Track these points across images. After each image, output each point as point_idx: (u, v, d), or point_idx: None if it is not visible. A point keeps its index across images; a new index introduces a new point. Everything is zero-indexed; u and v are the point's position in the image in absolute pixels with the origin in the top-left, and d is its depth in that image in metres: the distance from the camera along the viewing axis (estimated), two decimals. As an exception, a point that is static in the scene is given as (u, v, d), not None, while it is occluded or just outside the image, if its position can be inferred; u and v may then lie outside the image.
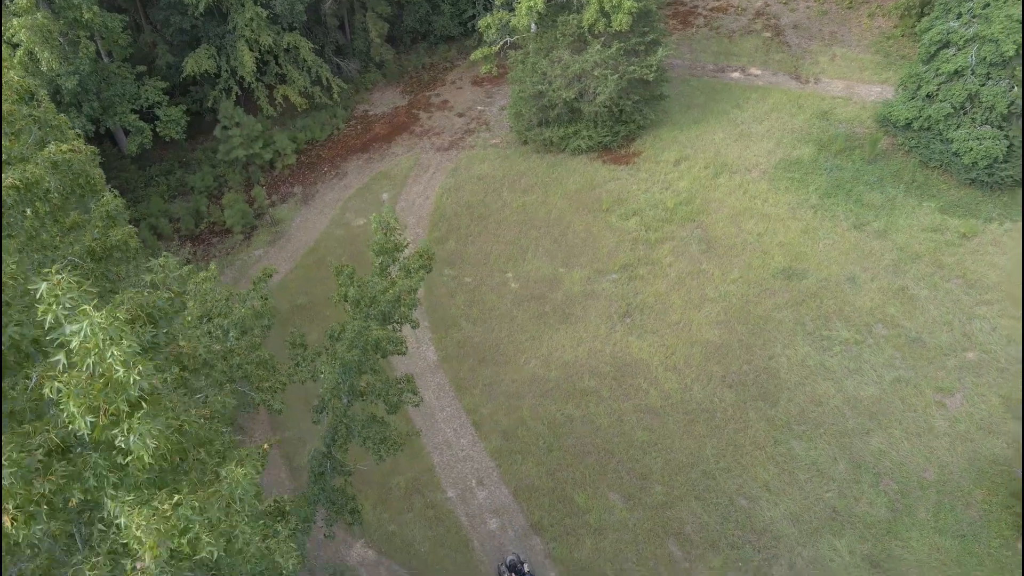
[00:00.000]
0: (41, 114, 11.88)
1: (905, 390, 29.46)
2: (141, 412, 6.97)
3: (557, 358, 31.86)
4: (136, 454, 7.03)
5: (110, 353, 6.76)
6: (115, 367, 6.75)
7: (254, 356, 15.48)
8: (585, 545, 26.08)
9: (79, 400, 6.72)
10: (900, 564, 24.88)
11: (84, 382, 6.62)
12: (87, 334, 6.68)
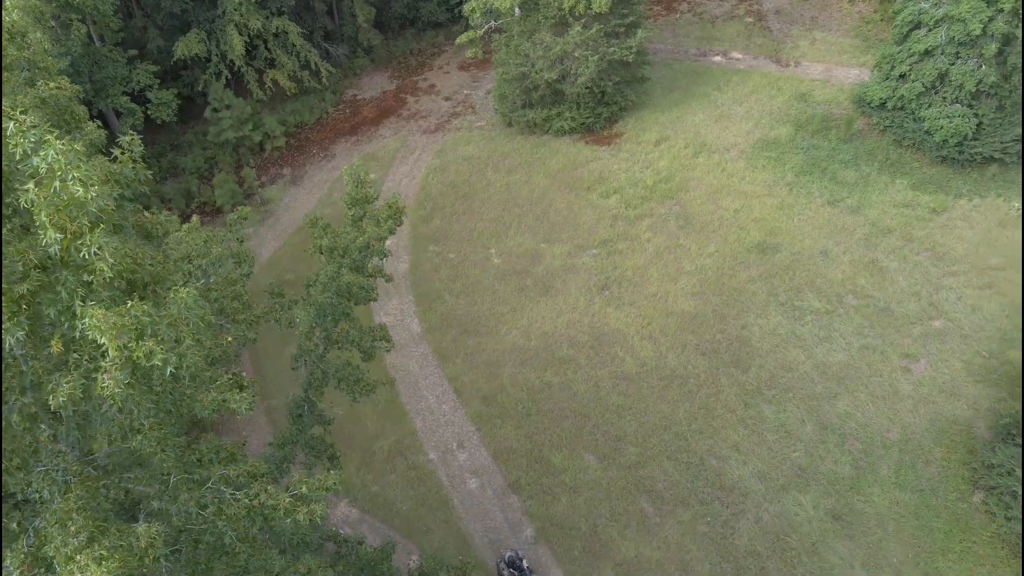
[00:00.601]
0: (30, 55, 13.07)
1: (872, 356, 30.73)
2: (99, 228, 8.34)
3: (537, 329, 33.11)
4: (98, 269, 8.35)
5: (71, 176, 8.09)
6: (75, 188, 8.09)
7: (230, 291, 16.68)
8: (561, 502, 27.34)
9: (48, 212, 8.06)
10: (861, 517, 26.16)
11: (52, 197, 7.96)
12: (52, 158, 8.04)
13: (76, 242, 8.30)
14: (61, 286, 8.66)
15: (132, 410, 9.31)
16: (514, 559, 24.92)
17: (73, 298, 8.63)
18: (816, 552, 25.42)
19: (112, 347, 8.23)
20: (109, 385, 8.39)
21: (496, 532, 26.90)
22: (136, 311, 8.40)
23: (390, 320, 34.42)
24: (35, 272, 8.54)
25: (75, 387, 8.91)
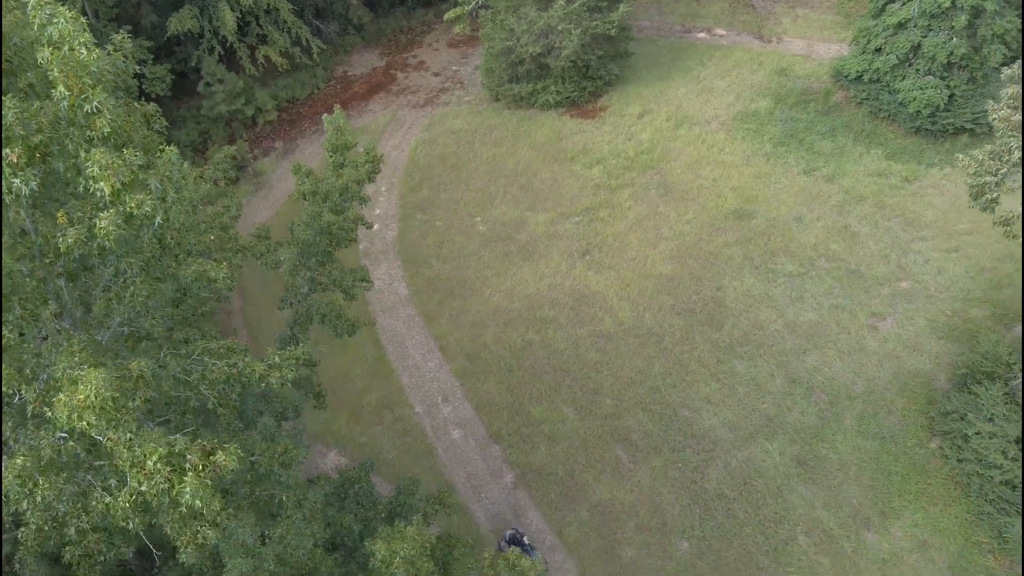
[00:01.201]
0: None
1: (841, 315, 32.30)
2: (99, 87, 9.99)
3: (520, 291, 34.64)
4: (98, 125, 10.00)
5: (77, 42, 9.76)
6: (81, 50, 9.74)
7: (217, 222, 18.14)
8: (540, 451, 28.95)
9: (60, 69, 9.70)
10: (824, 463, 27.79)
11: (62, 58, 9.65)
12: (63, 26, 9.72)
13: (80, 98, 9.87)
14: (68, 140, 10.24)
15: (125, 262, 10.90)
16: (516, 536, 25.57)
17: (78, 150, 10.20)
18: (780, 495, 27.04)
19: (108, 187, 9.78)
20: (105, 225, 9.98)
21: (478, 478, 28.52)
22: (129, 156, 9.99)
23: (379, 284, 35.91)
24: (48, 128, 10.18)
25: (80, 233, 10.49)
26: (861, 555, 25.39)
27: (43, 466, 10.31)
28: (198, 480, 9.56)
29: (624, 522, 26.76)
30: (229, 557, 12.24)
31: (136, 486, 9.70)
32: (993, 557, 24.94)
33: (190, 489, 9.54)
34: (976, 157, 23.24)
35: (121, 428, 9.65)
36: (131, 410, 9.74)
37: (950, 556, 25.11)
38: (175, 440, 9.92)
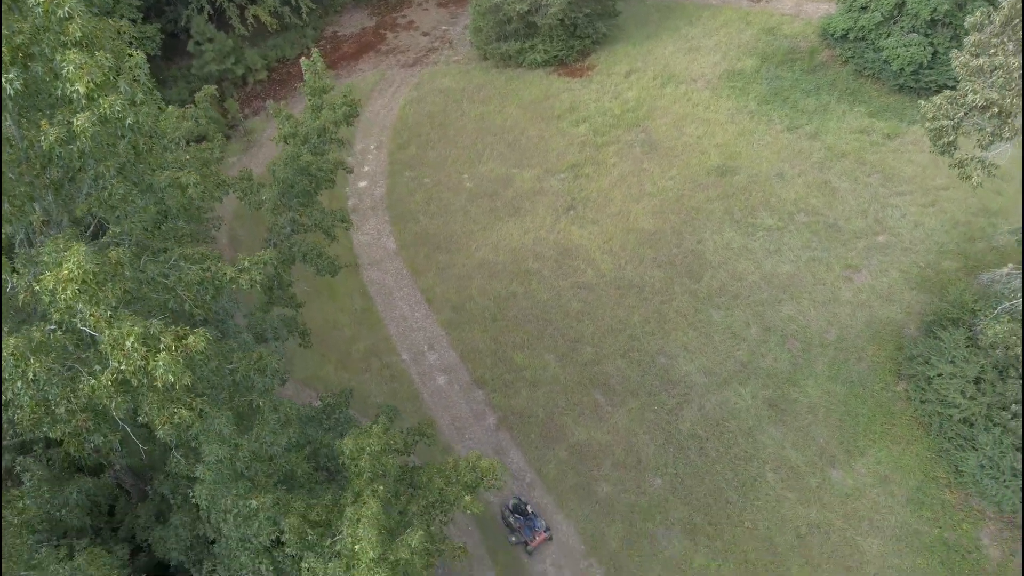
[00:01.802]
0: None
1: (817, 267, 33.46)
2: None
3: (505, 245, 35.77)
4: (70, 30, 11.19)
5: None
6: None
7: (198, 157, 19.20)
8: (521, 395, 30.33)
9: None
10: (794, 406, 29.16)
11: None
12: None
13: (53, 4, 10.96)
14: (45, 44, 11.35)
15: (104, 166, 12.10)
16: (519, 505, 26.10)
17: (54, 53, 11.31)
18: (751, 435, 28.46)
19: (83, 87, 10.90)
20: (82, 123, 11.13)
21: (461, 421, 29.93)
22: (101, 57, 11.09)
23: (367, 239, 37.06)
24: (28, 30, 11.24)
25: (60, 132, 11.66)
26: (825, 490, 26.86)
27: (34, 347, 11.52)
28: (170, 357, 10.76)
29: (601, 460, 28.21)
30: (206, 444, 13.51)
31: (117, 365, 10.90)
32: (949, 491, 26.41)
33: (163, 364, 10.75)
34: (935, 102, 24.19)
35: (101, 305, 10.84)
36: (109, 289, 10.91)
37: (909, 490, 26.58)
38: (151, 323, 11.10)
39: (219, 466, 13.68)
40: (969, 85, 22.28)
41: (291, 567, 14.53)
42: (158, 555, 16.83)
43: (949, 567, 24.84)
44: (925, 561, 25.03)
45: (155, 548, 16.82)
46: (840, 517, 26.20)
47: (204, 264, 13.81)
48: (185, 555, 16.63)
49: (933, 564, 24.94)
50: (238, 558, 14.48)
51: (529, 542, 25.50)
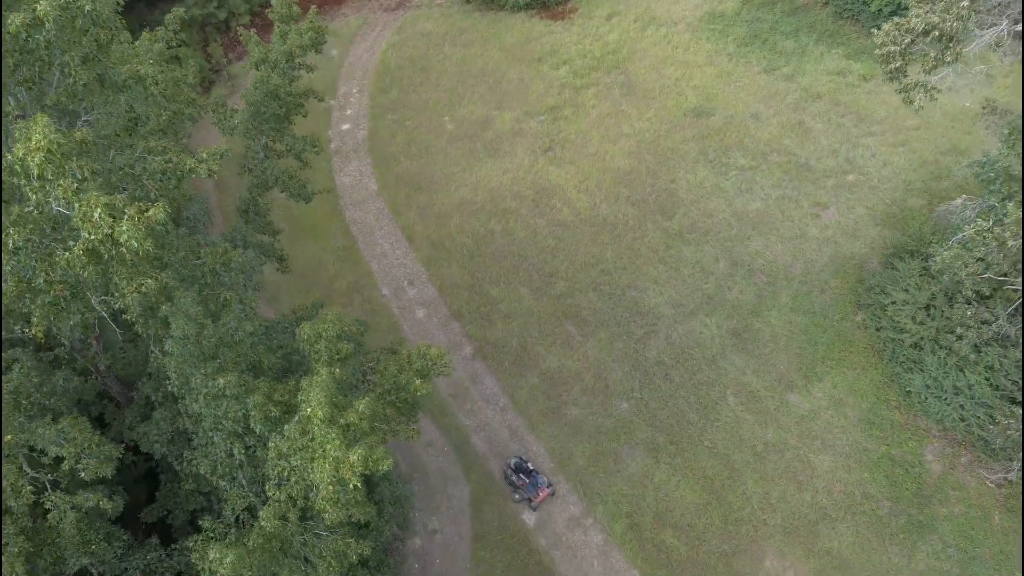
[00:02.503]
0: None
1: (787, 205, 34.69)
2: None
3: (484, 185, 36.93)
4: None
5: None
6: None
7: (170, 76, 20.28)
8: (496, 327, 31.89)
9: None
10: (758, 334, 30.73)
11: None
12: None
13: None
14: None
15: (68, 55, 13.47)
16: (520, 464, 26.91)
17: None
18: (715, 363, 30.10)
19: None
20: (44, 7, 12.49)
21: (439, 351, 31.50)
22: None
23: (349, 180, 38.21)
24: None
25: (26, 17, 13.02)
26: (782, 412, 28.60)
27: (13, 220, 12.91)
28: (133, 225, 12.12)
29: (570, 386, 29.91)
30: (174, 320, 14.95)
31: (87, 236, 12.26)
32: (898, 412, 28.15)
33: (127, 230, 12.10)
34: (884, 29, 25.12)
35: (67, 176, 12.19)
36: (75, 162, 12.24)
37: (862, 411, 28.32)
38: (117, 197, 12.45)
39: (185, 342, 15.15)
40: (915, 10, 23.23)
41: (261, 452, 16.14)
42: (143, 450, 18.50)
43: (893, 480, 26.70)
44: (871, 475, 26.88)
45: (140, 443, 18.49)
46: (795, 437, 27.99)
47: (167, 156, 15.08)
48: (167, 448, 18.30)
49: (878, 478, 26.80)
50: (212, 441, 16.09)
51: (533, 498, 26.34)
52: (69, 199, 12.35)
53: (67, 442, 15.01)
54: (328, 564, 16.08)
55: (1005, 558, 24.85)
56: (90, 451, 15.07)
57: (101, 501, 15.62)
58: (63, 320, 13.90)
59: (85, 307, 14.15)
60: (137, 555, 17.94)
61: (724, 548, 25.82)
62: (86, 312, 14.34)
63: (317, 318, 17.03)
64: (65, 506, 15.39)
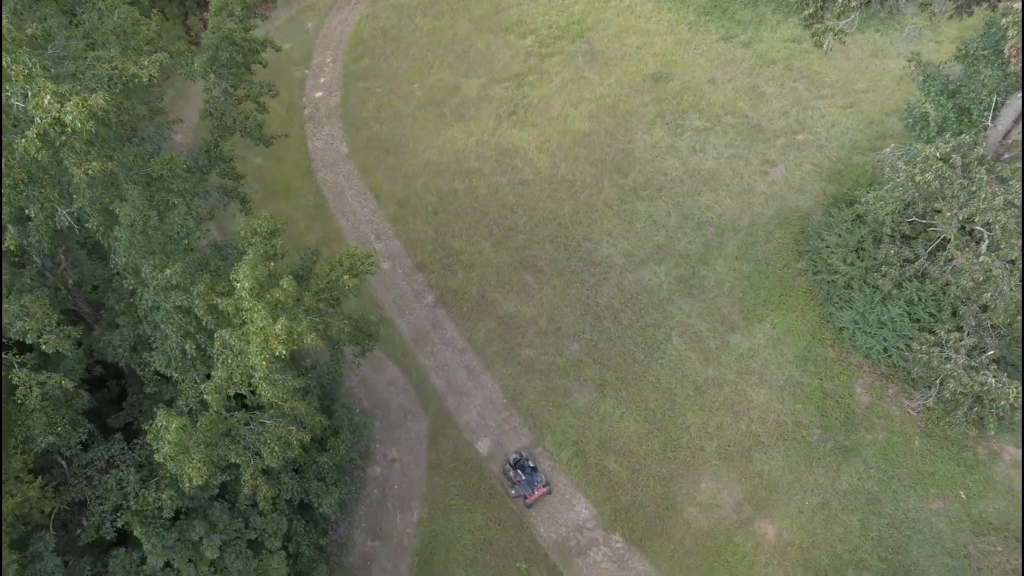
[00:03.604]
0: None
1: (737, 163, 36.82)
2: None
3: (450, 148, 39.07)
4: None
5: None
6: None
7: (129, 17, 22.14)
8: (457, 276, 34.04)
9: None
10: (704, 282, 32.89)
11: None
12: None
13: None
14: None
15: None
16: (519, 460, 27.32)
17: None
18: (662, 307, 32.25)
19: None
20: None
21: (403, 299, 33.71)
22: None
23: (321, 144, 40.33)
24: None
25: None
26: (724, 351, 30.76)
27: None
28: (77, 108, 14.17)
29: (525, 329, 32.07)
30: (121, 209, 16.90)
31: (39, 121, 14.32)
32: (832, 349, 30.30)
33: (71, 111, 14.16)
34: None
35: (18, 63, 14.23)
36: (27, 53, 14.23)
37: (798, 349, 30.48)
38: (62, 86, 14.50)
39: (133, 229, 17.14)
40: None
41: (211, 350, 18.18)
42: (109, 359, 20.58)
43: (823, 411, 28.87)
44: (803, 406, 29.05)
45: (105, 352, 20.57)
46: (734, 373, 30.16)
47: (113, 63, 17.13)
48: (130, 356, 20.37)
49: (810, 409, 28.97)
50: (166, 336, 18.14)
51: (528, 495, 26.78)
52: (22, 85, 14.41)
53: (29, 317, 17.09)
54: (272, 450, 18.19)
55: (921, 477, 27.05)
56: (50, 328, 17.17)
57: (62, 380, 17.73)
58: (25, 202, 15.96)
59: (44, 196, 16.23)
60: (102, 447, 20.06)
61: (663, 472, 28.01)
62: (45, 202, 16.43)
63: (253, 216, 19.07)
64: (31, 382, 17.48)
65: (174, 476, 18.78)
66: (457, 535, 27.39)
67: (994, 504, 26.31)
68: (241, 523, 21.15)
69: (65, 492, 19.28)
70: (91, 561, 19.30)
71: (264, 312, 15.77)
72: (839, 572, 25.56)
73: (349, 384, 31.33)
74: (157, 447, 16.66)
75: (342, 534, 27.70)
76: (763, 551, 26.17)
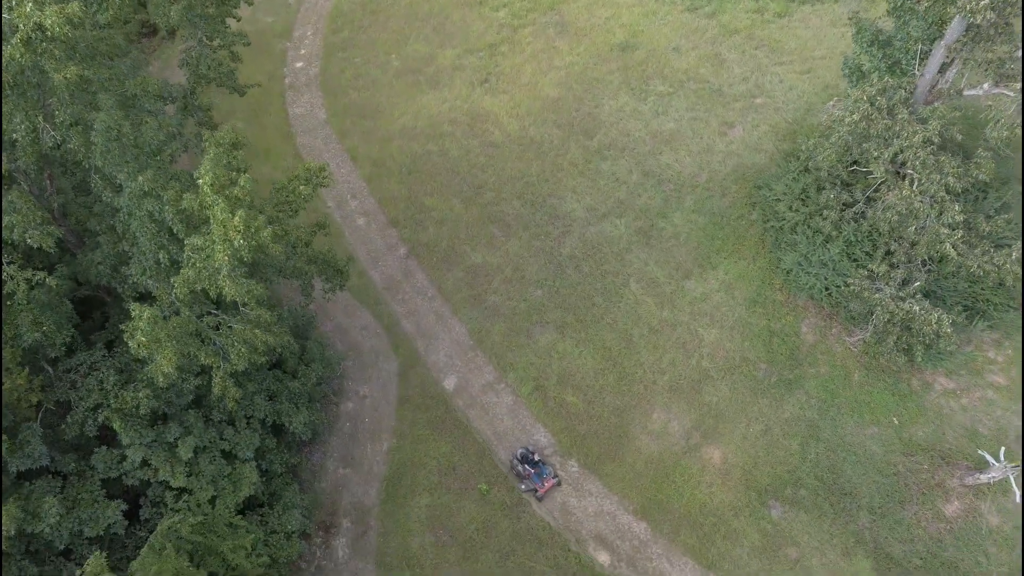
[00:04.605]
0: None
1: (698, 125, 38.94)
2: None
3: (424, 113, 41.16)
4: None
5: None
6: None
7: None
8: (429, 230, 36.12)
9: None
10: (662, 233, 34.99)
11: None
12: None
13: None
14: None
15: None
16: (526, 454, 28.02)
17: None
18: (622, 256, 34.35)
19: None
20: None
21: (377, 252, 35.80)
22: None
23: (301, 111, 42.41)
24: None
25: None
26: (678, 295, 32.87)
27: None
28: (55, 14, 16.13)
29: (492, 278, 34.17)
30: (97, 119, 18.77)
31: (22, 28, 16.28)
32: (780, 293, 32.41)
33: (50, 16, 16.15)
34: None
35: None
36: None
37: (748, 293, 32.59)
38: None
39: (108, 134, 19.04)
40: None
41: (182, 259, 20.17)
42: (93, 280, 22.61)
43: (770, 348, 30.98)
44: (751, 344, 31.17)
45: (88, 272, 22.60)
46: (687, 315, 32.27)
47: None
48: (111, 275, 22.40)
49: (757, 346, 31.09)
50: (144, 252, 20.15)
51: (539, 488, 27.44)
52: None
53: (16, 212, 19.13)
54: (239, 352, 20.23)
55: (859, 406, 29.17)
56: (35, 224, 19.21)
57: (46, 277, 19.75)
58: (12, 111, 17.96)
59: (28, 105, 18.25)
60: (84, 353, 22.09)
61: (617, 404, 30.11)
62: (30, 111, 18.44)
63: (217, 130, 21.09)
64: (19, 278, 19.48)
65: (151, 379, 20.80)
66: (423, 462, 29.47)
67: (923, 429, 28.43)
68: (215, 433, 23.20)
69: (51, 394, 21.30)
70: (75, 458, 21.34)
71: (224, 205, 17.81)
72: (778, 490, 27.67)
73: (324, 329, 33.40)
74: (132, 339, 18.66)
75: (316, 462, 29.78)
76: (708, 473, 28.26)
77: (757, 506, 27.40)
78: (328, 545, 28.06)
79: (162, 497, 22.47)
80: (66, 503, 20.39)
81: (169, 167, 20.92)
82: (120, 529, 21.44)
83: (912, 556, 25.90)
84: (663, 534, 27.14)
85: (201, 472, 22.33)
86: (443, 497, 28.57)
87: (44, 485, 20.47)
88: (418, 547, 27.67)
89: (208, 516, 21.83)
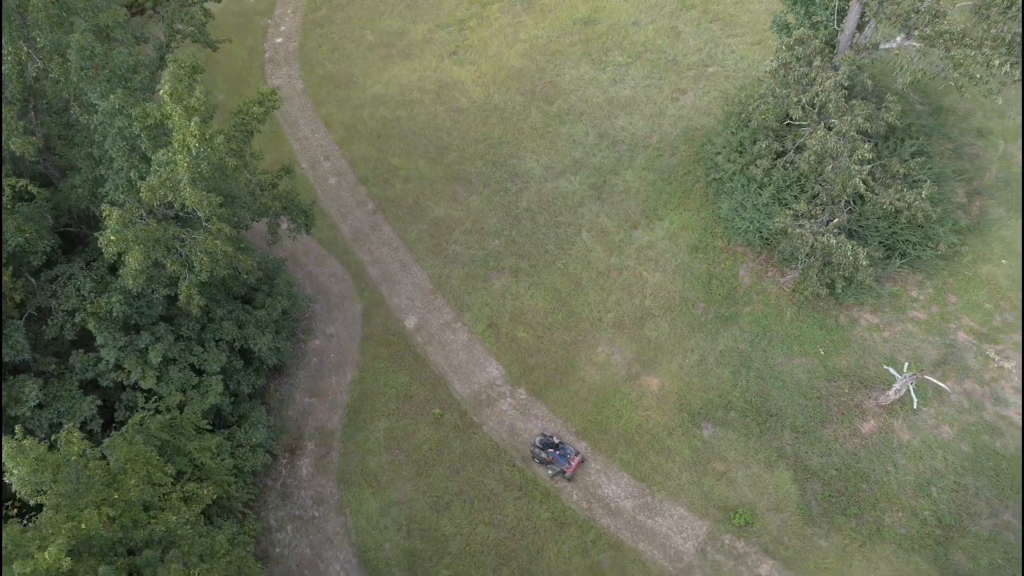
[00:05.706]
0: None
1: (652, 91, 41.64)
2: None
3: (395, 82, 43.91)
4: None
5: None
6: None
7: None
8: (395, 188, 38.79)
9: None
10: (614, 188, 37.61)
11: None
12: None
13: None
14: None
15: None
16: (546, 439, 28.72)
17: None
18: (575, 210, 36.97)
19: None
20: None
21: (346, 208, 38.44)
22: None
23: (279, 82, 45.17)
24: None
25: None
26: (626, 244, 35.45)
27: None
28: None
29: (453, 229, 36.78)
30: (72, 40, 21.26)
31: None
32: (721, 240, 34.98)
33: None
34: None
35: None
36: None
37: (691, 241, 35.17)
38: None
39: (82, 53, 21.56)
40: None
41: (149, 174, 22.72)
42: (73, 204, 25.22)
43: (709, 289, 33.53)
44: (692, 285, 33.72)
45: (69, 197, 25.18)
46: (634, 261, 34.85)
47: None
48: (89, 200, 25.02)
49: (697, 287, 33.64)
50: (117, 171, 22.69)
51: (567, 469, 28.19)
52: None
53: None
54: (201, 262, 22.80)
55: (788, 339, 31.68)
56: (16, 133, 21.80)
57: (28, 185, 22.37)
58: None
59: (13, 29, 20.82)
60: (64, 265, 24.67)
61: (565, 339, 32.64)
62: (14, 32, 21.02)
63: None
64: (5, 184, 22.04)
65: (123, 287, 23.34)
66: (383, 391, 32.00)
67: (847, 358, 30.93)
68: (184, 347, 25.72)
69: (33, 301, 23.84)
70: (55, 360, 23.85)
71: (182, 112, 20.39)
72: (709, 413, 30.15)
73: (295, 275, 35.98)
74: (103, 236, 21.20)
75: (284, 393, 32.30)
76: (646, 398, 30.77)
77: (689, 426, 29.88)
78: (293, 465, 30.56)
79: (135, 401, 24.98)
80: (46, 399, 22.87)
81: (138, 94, 23.54)
82: (96, 427, 23.94)
83: (828, 467, 28.36)
84: (601, 451, 29.60)
85: (171, 380, 24.85)
86: (400, 421, 31.08)
87: (26, 379, 22.97)
88: (376, 465, 30.16)
89: (176, 418, 24.32)
